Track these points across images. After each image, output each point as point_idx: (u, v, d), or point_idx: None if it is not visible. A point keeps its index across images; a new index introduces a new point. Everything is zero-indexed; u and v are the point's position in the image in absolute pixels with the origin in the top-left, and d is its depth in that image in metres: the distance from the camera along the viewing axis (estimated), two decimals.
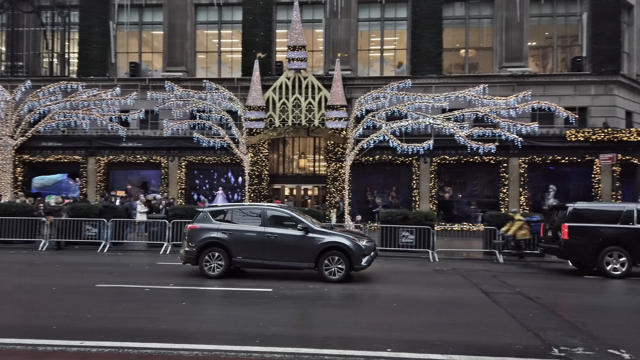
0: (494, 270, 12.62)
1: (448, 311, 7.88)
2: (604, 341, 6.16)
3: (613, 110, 20.83)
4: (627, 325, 7.07)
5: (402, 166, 21.52)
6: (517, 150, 20.31)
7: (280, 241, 10.37)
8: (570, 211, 11.97)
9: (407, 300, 8.65)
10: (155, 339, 5.77)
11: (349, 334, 6.36)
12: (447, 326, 6.87)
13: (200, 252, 10.47)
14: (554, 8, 21.72)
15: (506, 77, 20.98)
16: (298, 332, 6.51)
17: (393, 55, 22.95)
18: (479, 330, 6.63)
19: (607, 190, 20.02)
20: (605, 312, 7.96)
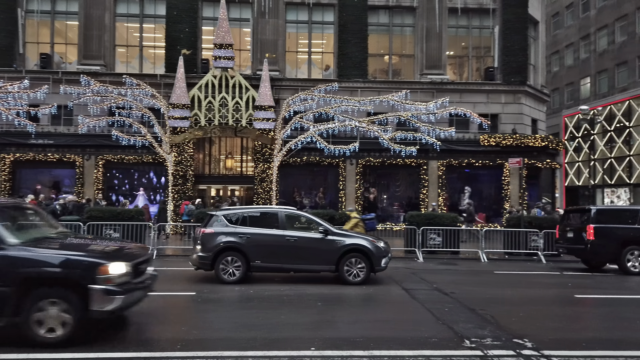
0: (415, 267, 13.22)
1: (370, 308, 8.14)
2: (510, 332, 6.68)
3: (521, 117, 22.61)
4: (530, 316, 7.71)
5: (329, 167, 21.89)
6: (436, 153, 21.40)
7: (300, 244, 10.13)
8: (594, 213, 12.81)
9: (330, 298, 8.82)
10: None
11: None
12: (368, 323, 7.10)
13: (216, 257, 10.03)
14: (469, 20, 23.17)
15: (426, 83, 22.05)
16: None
17: (321, 58, 23.28)
18: (399, 326, 6.92)
19: (516, 192, 21.68)
20: (511, 305, 8.62)
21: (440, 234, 15.55)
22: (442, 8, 22.45)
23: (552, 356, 5.63)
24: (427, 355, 5.57)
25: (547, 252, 15.55)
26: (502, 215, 21.07)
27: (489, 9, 22.75)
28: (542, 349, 5.89)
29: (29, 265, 5.57)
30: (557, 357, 5.60)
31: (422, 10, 22.52)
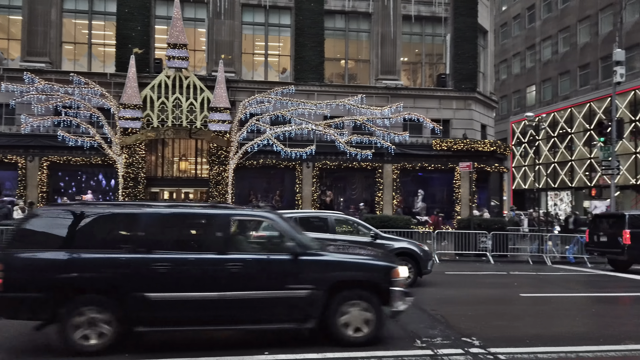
0: None
1: None
2: (459, 331, 6.90)
3: (471, 123, 23.41)
4: (478, 315, 8.00)
5: (286, 170, 21.84)
6: (390, 157, 21.80)
7: None
8: (629, 218, 13.75)
9: None
10: None
11: None
12: None
13: None
14: (422, 28, 23.79)
15: (381, 88, 22.44)
16: None
17: (277, 60, 23.23)
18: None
19: (466, 195, 22.40)
20: (461, 304, 8.91)
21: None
22: (397, 15, 22.94)
23: (497, 353, 5.86)
24: (379, 356, 5.66)
25: (495, 253, 16.16)
26: (453, 218, 21.71)
27: (441, 17, 23.45)
28: (489, 346, 6.12)
29: (338, 269, 6.11)
30: (503, 354, 5.83)
31: (377, 16, 22.92)
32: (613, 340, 6.52)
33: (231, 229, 6.16)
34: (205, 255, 5.86)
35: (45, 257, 5.66)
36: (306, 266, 5.95)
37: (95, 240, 5.87)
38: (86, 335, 5.54)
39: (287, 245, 6.06)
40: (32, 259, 5.64)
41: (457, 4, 23.42)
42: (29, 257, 5.65)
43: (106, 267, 5.68)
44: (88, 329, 5.55)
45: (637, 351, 6.11)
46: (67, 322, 5.49)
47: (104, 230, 6.02)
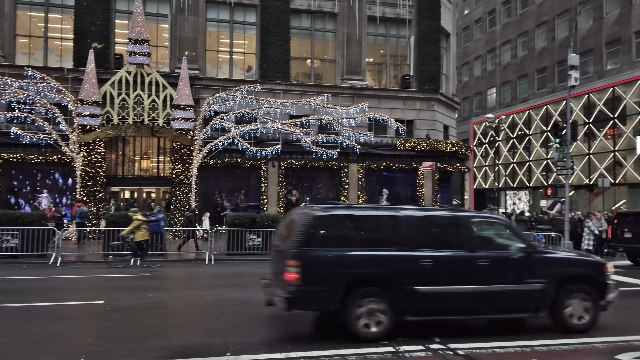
0: None
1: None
2: (420, 327, 7.01)
3: (434, 124, 23.89)
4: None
5: (251, 169, 21.67)
6: (356, 156, 21.99)
7: None
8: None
9: (247, 302, 8.73)
10: None
11: None
12: (285, 326, 7.10)
13: None
14: (387, 29, 24.10)
15: (347, 88, 22.60)
16: None
17: (242, 58, 23.02)
18: (318, 326, 6.99)
19: (429, 194, 22.86)
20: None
21: None
22: (362, 16, 23.15)
23: (457, 349, 5.99)
24: (342, 355, 5.69)
25: None
26: None
27: (405, 19, 23.82)
28: (449, 342, 6.25)
29: (565, 265, 7.13)
30: (462, 349, 5.97)
31: (343, 16, 23.06)
32: (566, 335, 6.78)
33: (475, 230, 6.96)
34: (459, 252, 6.69)
35: (334, 255, 6.33)
36: (540, 263, 6.88)
37: (364, 239, 6.72)
38: (367, 324, 6.22)
39: (520, 244, 6.90)
40: (322, 256, 6.27)
41: (420, 6, 23.85)
42: (319, 255, 6.27)
43: (381, 263, 6.45)
44: (368, 318, 6.23)
45: (587, 344, 6.38)
46: (350, 312, 6.17)
47: (371, 230, 6.82)
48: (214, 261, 14.31)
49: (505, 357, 5.79)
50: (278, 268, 6.58)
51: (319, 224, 6.44)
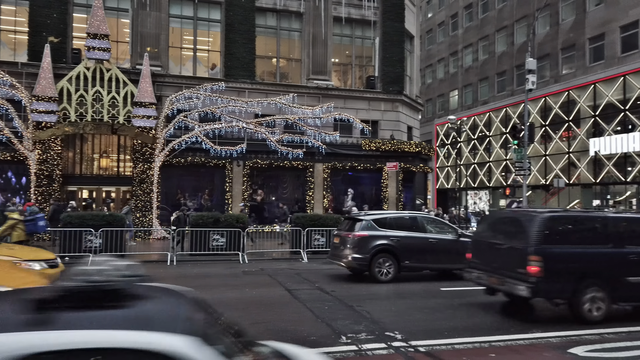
0: (299, 268, 13.44)
1: (251, 310, 8.09)
2: (383, 326, 7.10)
3: (398, 124, 24.24)
4: (401, 310, 8.28)
5: (216, 169, 21.37)
6: (321, 156, 22.04)
7: (439, 246, 11.58)
8: None
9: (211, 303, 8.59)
10: None
11: None
12: (248, 325, 7.05)
13: (372, 259, 10.94)
14: (353, 30, 24.27)
15: (313, 88, 22.62)
16: None
17: (207, 56, 22.67)
18: (279, 326, 6.98)
19: (393, 194, 23.17)
20: (386, 299, 9.18)
21: (324, 235, 16.02)
22: (328, 16, 23.22)
23: (418, 346, 6.10)
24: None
25: None
26: None
27: (370, 20, 24.06)
28: (411, 339, 6.35)
29: None
30: (423, 346, 6.08)
31: (309, 16, 23.06)
32: (522, 330, 7.02)
33: None
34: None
35: (568, 252, 7.54)
36: None
37: (586, 238, 7.87)
38: (590, 309, 7.41)
39: None
40: (560, 252, 7.45)
41: (385, 8, 24.14)
42: (557, 251, 7.43)
43: (602, 258, 7.69)
44: (591, 304, 7.42)
45: (542, 339, 6.62)
46: (579, 300, 7.38)
47: (591, 230, 8.00)
48: (176, 262, 14.03)
49: (465, 352, 5.93)
50: (507, 261, 7.78)
51: (551, 225, 7.68)
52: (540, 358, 5.84)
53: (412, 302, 9.00)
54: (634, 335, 6.81)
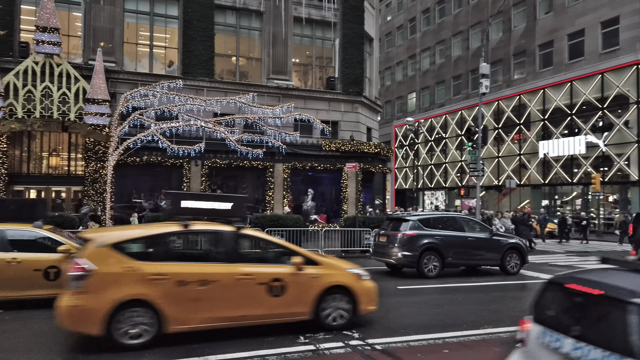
0: None
1: None
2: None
3: (358, 125, 24.50)
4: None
5: (173, 168, 20.90)
6: (281, 156, 21.97)
7: (476, 243, 12.75)
8: None
9: None
10: None
11: None
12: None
13: (420, 256, 12.06)
14: (313, 31, 24.35)
15: (273, 88, 22.52)
16: None
17: (164, 53, 22.14)
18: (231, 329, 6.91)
19: (353, 194, 23.39)
20: None
21: (284, 235, 16.00)
22: (288, 16, 23.19)
23: (375, 344, 6.20)
24: (262, 355, 5.67)
25: None
26: (341, 216, 22.54)
27: (330, 22, 24.20)
28: (367, 338, 6.45)
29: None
30: (379, 344, 6.19)
31: (269, 15, 22.95)
32: (474, 326, 7.27)
33: None
34: None
35: None
36: None
37: None
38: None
39: None
40: None
41: (345, 10, 24.36)
42: None
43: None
44: None
45: (493, 334, 6.87)
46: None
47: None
48: None
49: (419, 349, 6.08)
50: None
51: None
52: (491, 353, 6.06)
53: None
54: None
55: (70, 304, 5.66)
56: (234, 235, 6.64)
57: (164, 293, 5.89)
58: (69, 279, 5.75)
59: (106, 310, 5.66)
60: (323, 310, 6.71)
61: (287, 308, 6.47)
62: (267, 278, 6.38)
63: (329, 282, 6.75)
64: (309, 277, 6.63)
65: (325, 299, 6.70)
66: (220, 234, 6.62)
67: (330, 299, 6.75)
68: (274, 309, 6.41)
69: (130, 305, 5.77)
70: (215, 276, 6.15)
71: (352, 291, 6.86)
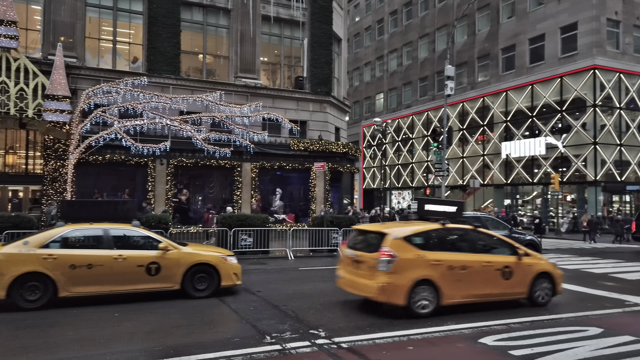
0: None
1: (172, 314, 7.83)
2: (308, 324, 7.18)
3: (326, 125, 24.58)
4: (326, 308, 8.42)
5: (137, 167, 20.40)
6: (249, 155, 21.81)
7: None
8: None
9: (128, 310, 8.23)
10: None
11: None
12: (168, 329, 6.83)
13: None
14: (281, 30, 24.27)
15: (241, 86, 22.32)
16: None
17: (128, 49, 21.60)
18: (202, 330, 6.82)
19: (321, 193, 23.46)
20: (312, 298, 9.27)
21: (252, 235, 15.88)
22: (256, 14, 23.03)
23: (341, 342, 6.23)
24: (228, 356, 5.61)
25: None
26: (309, 215, 22.56)
27: (299, 21, 24.18)
28: (334, 336, 6.48)
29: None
30: (345, 342, 6.23)
31: (237, 13, 22.73)
32: (438, 322, 7.41)
33: None
34: None
35: None
36: None
37: None
38: None
39: None
40: None
41: (314, 10, 24.39)
42: None
43: None
44: None
45: (456, 330, 7.02)
46: None
47: None
48: None
49: (385, 346, 6.15)
50: None
51: None
52: (454, 348, 6.20)
53: (338, 299, 9.17)
54: (536, 325, 7.43)
55: (383, 281, 7.48)
56: (473, 232, 8.65)
57: (440, 275, 7.74)
58: (380, 263, 7.55)
59: (408, 286, 7.51)
60: None
61: (512, 289, 8.42)
62: (500, 265, 8.27)
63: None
64: None
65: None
66: (466, 230, 8.62)
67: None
68: (506, 289, 8.36)
69: (420, 283, 7.61)
70: (470, 263, 8.04)
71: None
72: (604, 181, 28.79)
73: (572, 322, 7.54)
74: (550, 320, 7.70)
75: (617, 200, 31.04)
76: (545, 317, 7.86)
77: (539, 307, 8.60)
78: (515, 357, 5.80)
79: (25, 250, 8.03)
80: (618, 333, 6.86)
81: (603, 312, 8.38)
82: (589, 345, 6.27)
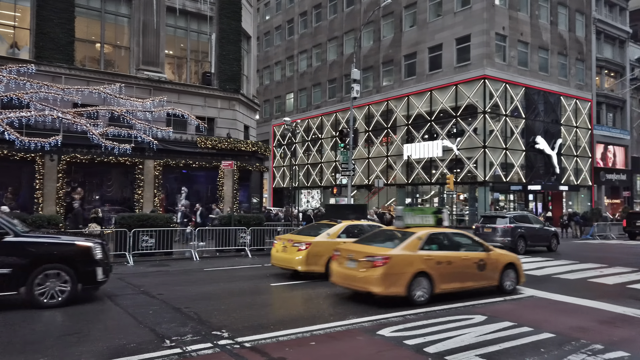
0: (123, 272, 12.43)
1: (60, 323, 7.24)
2: (210, 325, 7.03)
3: (235, 123, 24.19)
4: (230, 308, 8.30)
5: (23, 163, 18.52)
6: (152, 152, 20.77)
7: (538, 232, 19.42)
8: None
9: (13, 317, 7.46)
10: None
11: None
12: (53, 340, 6.30)
13: (517, 241, 18.11)
14: (188, 23, 23.43)
15: (143, 79, 21.19)
16: None
17: (12, 33, 19.53)
18: (94, 337, 6.38)
19: (229, 192, 23.04)
20: (215, 299, 9.08)
21: (154, 235, 15.18)
22: (160, 5, 21.98)
23: (244, 342, 6.19)
24: None
25: (253, 247, 17.06)
26: (213, 214, 22.02)
27: (206, 15, 23.51)
28: (237, 336, 6.41)
29: None
30: (249, 341, 6.20)
31: (139, 2, 21.51)
32: (340, 317, 7.64)
33: None
34: None
35: None
36: None
37: None
38: None
39: None
40: None
41: (222, 5, 23.87)
42: None
43: None
44: None
45: (357, 323, 7.29)
46: None
47: None
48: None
49: (288, 343, 6.21)
50: None
51: None
52: (354, 342, 6.43)
53: (242, 300, 9.08)
54: (430, 315, 7.96)
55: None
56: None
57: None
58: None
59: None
60: None
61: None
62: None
63: None
64: None
65: None
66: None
67: None
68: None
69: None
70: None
71: None
72: (492, 182, 31.57)
73: (461, 312, 8.19)
74: (441, 310, 8.29)
75: (502, 199, 34.22)
76: (437, 307, 8.45)
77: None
78: (409, 346, 6.16)
79: None
80: (499, 320, 7.57)
81: (487, 300, 9.19)
82: (474, 331, 6.85)
